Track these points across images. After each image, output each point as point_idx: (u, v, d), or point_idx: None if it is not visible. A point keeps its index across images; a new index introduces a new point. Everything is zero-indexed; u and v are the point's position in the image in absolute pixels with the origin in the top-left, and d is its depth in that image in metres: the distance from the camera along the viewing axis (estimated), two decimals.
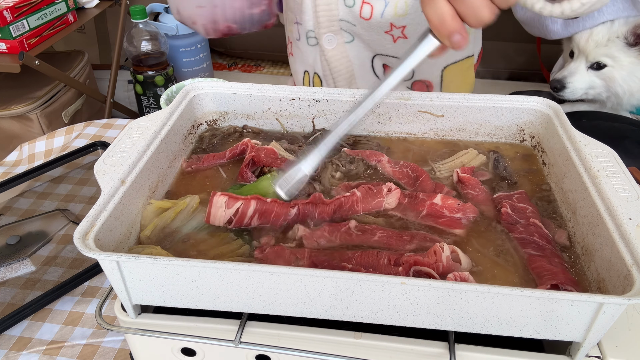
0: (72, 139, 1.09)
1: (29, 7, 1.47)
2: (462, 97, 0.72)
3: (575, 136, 0.61)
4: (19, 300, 0.72)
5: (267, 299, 0.47)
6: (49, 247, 0.80)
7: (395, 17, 0.94)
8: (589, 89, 1.18)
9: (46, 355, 0.66)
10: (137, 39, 1.56)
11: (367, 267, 0.52)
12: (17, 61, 1.41)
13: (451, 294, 0.44)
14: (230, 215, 0.57)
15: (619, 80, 1.13)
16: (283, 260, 0.53)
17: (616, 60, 1.12)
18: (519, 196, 0.61)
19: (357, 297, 0.46)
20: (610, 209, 0.50)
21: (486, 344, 0.47)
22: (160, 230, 0.58)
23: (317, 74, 1.05)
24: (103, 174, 0.55)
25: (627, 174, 0.55)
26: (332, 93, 0.73)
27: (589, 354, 0.47)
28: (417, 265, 0.50)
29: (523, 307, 0.43)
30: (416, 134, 0.75)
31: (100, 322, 0.51)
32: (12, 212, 0.87)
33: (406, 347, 0.48)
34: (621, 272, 0.46)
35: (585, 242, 0.54)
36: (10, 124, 1.56)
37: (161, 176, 0.64)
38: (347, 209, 0.60)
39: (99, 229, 0.49)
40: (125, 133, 0.62)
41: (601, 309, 0.42)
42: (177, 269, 0.46)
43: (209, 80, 0.77)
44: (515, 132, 0.73)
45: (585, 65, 1.16)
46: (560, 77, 1.19)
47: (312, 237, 0.56)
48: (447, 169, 0.68)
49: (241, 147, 0.70)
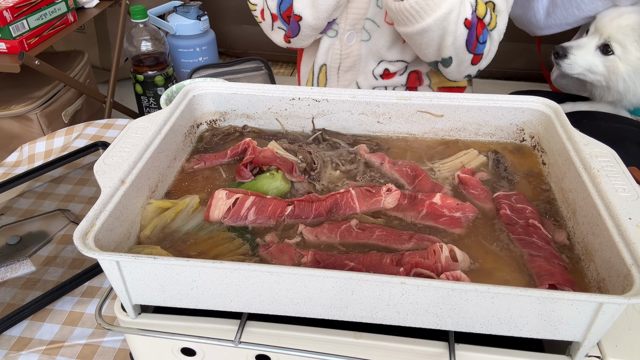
0: (72, 139, 1.09)
1: (29, 7, 1.47)
2: (462, 97, 0.72)
3: (575, 136, 0.61)
4: (19, 300, 0.72)
5: (267, 299, 0.47)
6: (49, 247, 0.80)
7: None
8: (589, 71, 1.13)
9: (46, 355, 0.66)
10: (137, 39, 1.56)
11: (369, 267, 0.52)
12: (17, 61, 1.41)
13: (451, 293, 0.44)
14: (229, 205, 0.58)
15: (623, 74, 1.09)
16: (287, 257, 0.54)
17: (626, 51, 1.07)
18: (517, 197, 0.61)
19: (357, 297, 0.46)
20: (610, 209, 0.50)
21: (486, 344, 0.47)
22: (160, 230, 0.58)
23: (325, 64, 1.07)
24: (103, 174, 0.55)
25: (627, 174, 0.55)
26: (332, 93, 0.73)
27: (589, 354, 0.47)
28: (418, 267, 0.50)
29: (523, 307, 0.43)
30: (416, 134, 0.75)
31: (100, 322, 0.51)
32: (13, 212, 0.87)
33: (406, 347, 0.48)
34: (621, 271, 0.46)
35: (585, 242, 0.54)
36: (10, 124, 1.56)
37: (161, 176, 0.64)
38: (344, 207, 0.60)
39: (99, 229, 0.49)
40: (125, 133, 0.62)
41: (601, 309, 0.42)
42: (177, 268, 0.46)
43: (209, 80, 0.77)
44: (515, 132, 0.73)
45: (595, 44, 1.11)
46: (566, 45, 1.14)
47: (313, 233, 0.57)
48: (447, 169, 0.68)
49: (243, 147, 0.70)
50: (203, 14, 1.80)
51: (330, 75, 1.09)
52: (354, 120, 0.75)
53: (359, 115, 0.74)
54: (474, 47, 0.91)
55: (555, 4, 1.11)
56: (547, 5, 1.13)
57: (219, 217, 0.59)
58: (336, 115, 0.75)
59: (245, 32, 2.69)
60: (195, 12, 1.78)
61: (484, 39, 0.91)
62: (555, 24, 1.14)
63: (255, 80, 1.38)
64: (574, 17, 1.11)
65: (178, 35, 1.79)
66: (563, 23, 1.13)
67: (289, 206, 0.59)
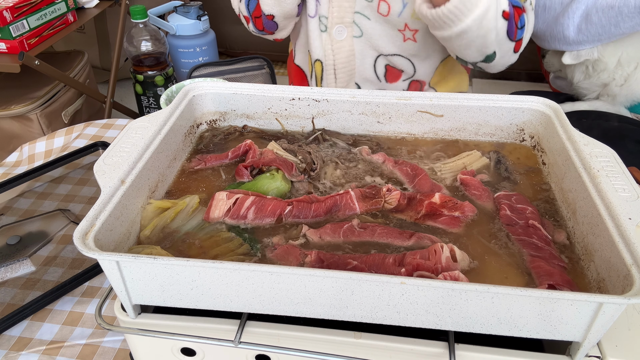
0: (72, 140, 1.09)
1: (29, 7, 1.47)
2: (462, 97, 0.72)
3: (575, 136, 0.61)
4: (19, 300, 0.72)
5: (267, 299, 0.47)
6: (49, 247, 0.80)
7: (412, 20, 0.96)
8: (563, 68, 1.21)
9: (46, 355, 0.66)
10: (137, 39, 1.56)
11: (372, 266, 0.52)
12: (17, 61, 1.41)
13: (451, 293, 0.44)
14: (230, 205, 0.59)
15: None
16: (293, 258, 0.54)
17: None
18: (517, 197, 0.61)
19: (357, 297, 0.46)
20: (610, 209, 0.50)
21: (486, 344, 0.47)
22: (160, 230, 0.58)
23: (319, 60, 1.05)
24: (103, 174, 0.55)
25: (627, 173, 0.55)
26: (332, 93, 0.73)
27: (589, 354, 0.47)
28: (419, 269, 0.50)
29: (523, 307, 0.43)
30: (416, 134, 0.75)
31: (100, 322, 0.51)
32: (13, 212, 0.87)
33: (406, 347, 0.48)
34: (621, 272, 0.46)
35: (585, 242, 0.54)
36: (10, 124, 1.56)
37: (161, 176, 0.64)
38: (344, 208, 0.60)
39: (99, 229, 0.49)
40: (125, 133, 0.62)
41: (601, 309, 0.42)
42: (177, 269, 0.46)
43: (209, 80, 0.77)
44: (515, 132, 0.73)
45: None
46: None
47: (316, 234, 0.57)
48: (449, 170, 0.68)
49: (244, 149, 0.70)
50: (203, 14, 1.80)
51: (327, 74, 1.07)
52: (354, 120, 0.75)
53: (359, 115, 0.74)
54: (515, 35, 0.88)
55: (590, 22, 1.08)
56: (579, 22, 1.10)
57: (219, 216, 0.59)
58: (336, 115, 0.75)
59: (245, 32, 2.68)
60: (196, 12, 1.78)
61: (522, 23, 0.88)
62: (586, 40, 1.12)
63: (257, 80, 1.38)
64: (609, 33, 1.09)
65: (178, 35, 1.79)
66: (595, 40, 1.11)
67: (288, 206, 0.59)
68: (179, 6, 1.80)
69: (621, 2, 1.03)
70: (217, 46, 1.92)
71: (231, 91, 0.75)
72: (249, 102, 0.76)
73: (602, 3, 1.05)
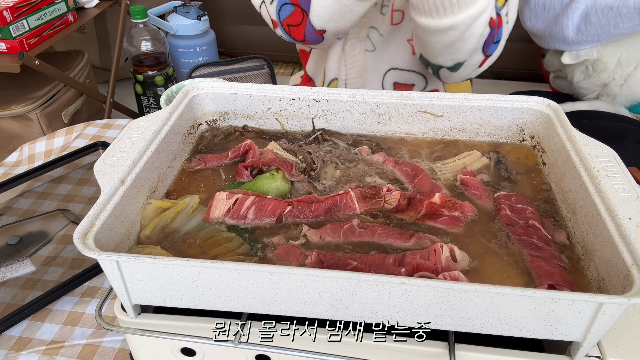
0: (72, 140, 1.09)
1: (29, 7, 1.47)
2: (462, 97, 0.72)
3: (575, 136, 0.61)
4: (19, 300, 0.72)
5: (267, 299, 0.47)
6: (49, 247, 0.80)
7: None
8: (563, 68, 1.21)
9: (46, 355, 0.66)
10: (137, 39, 1.56)
11: (372, 267, 0.52)
12: (17, 61, 1.41)
13: (451, 293, 0.44)
14: (230, 205, 0.59)
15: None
16: (293, 258, 0.54)
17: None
18: (517, 197, 0.61)
19: (357, 297, 0.46)
20: (610, 209, 0.50)
21: (486, 344, 0.47)
22: (160, 230, 0.58)
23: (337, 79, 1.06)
24: (103, 174, 0.55)
25: (627, 173, 0.55)
26: (332, 93, 0.73)
27: (589, 354, 0.47)
28: (419, 269, 0.50)
29: (523, 307, 0.43)
30: (416, 134, 0.75)
31: (100, 322, 0.51)
32: (13, 212, 0.87)
33: (406, 347, 0.48)
34: (621, 272, 0.46)
35: (585, 242, 0.54)
36: (10, 124, 1.56)
37: (161, 176, 0.64)
38: (344, 208, 0.60)
39: (99, 229, 0.49)
40: (125, 133, 0.62)
41: (601, 309, 0.42)
42: (177, 269, 0.46)
43: (209, 80, 0.77)
44: (515, 132, 0.73)
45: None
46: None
47: (317, 234, 0.57)
48: (449, 170, 0.68)
49: (244, 149, 0.70)
50: (203, 14, 1.80)
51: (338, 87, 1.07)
52: (354, 120, 0.75)
53: (359, 115, 0.74)
54: (488, 48, 0.83)
55: (589, 22, 1.09)
56: (579, 22, 1.10)
57: (219, 216, 0.59)
58: (336, 115, 0.75)
59: (245, 32, 2.69)
60: (195, 12, 1.78)
61: (499, 37, 0.84)
62: (585, 40, 1.13)
63: (257, 80, 1.38)
64: (608, 34, 1.09)
65: (178, 35, 1.79)
66: (594, 40, 1.12)
67: (288, 206, 0.59)
68: (179, 6, 1.80)
69: (620, 3, 1.03)
70: (217, 46, 1.92)
71: (231, 91, 0.75)
72: (249, 102, 0.76)
73: (602, 3, 1.05)
